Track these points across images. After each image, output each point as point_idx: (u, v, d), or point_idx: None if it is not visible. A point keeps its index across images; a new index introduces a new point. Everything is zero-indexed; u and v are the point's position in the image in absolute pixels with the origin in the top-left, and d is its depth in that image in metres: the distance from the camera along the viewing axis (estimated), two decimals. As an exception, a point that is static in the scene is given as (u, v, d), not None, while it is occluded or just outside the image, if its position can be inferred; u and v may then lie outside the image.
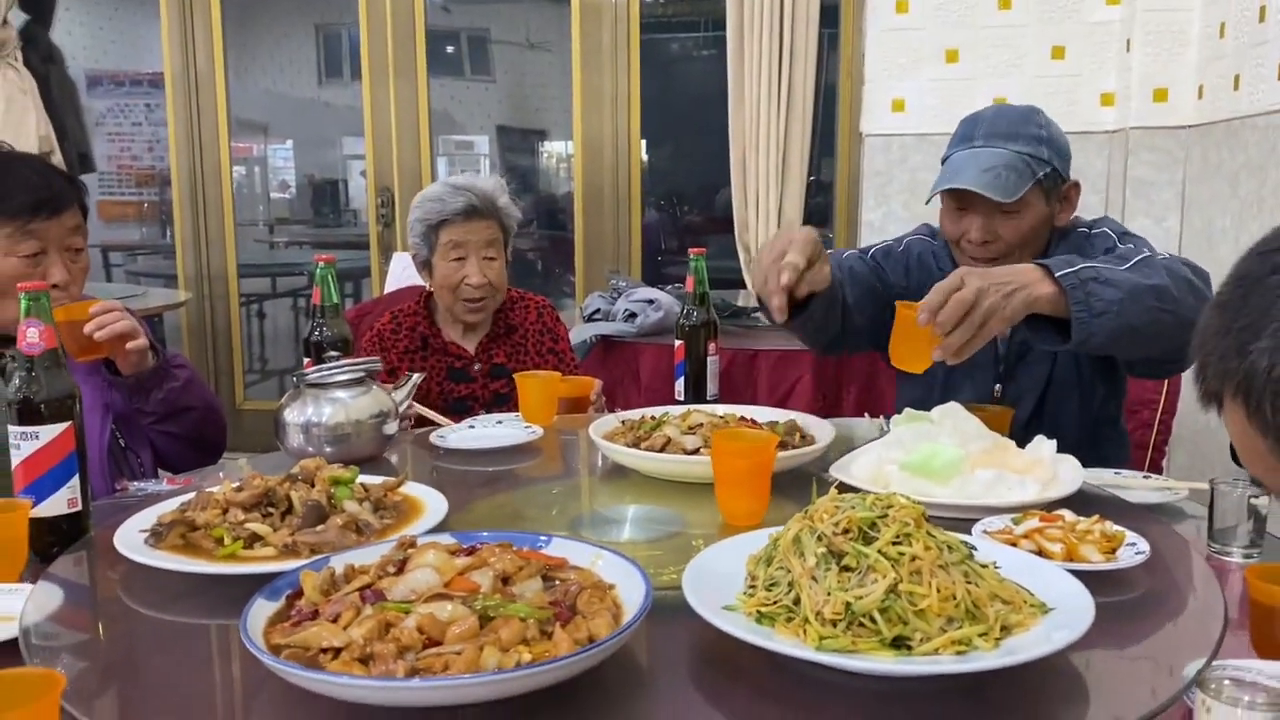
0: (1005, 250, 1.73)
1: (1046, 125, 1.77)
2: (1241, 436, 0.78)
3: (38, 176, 1.63)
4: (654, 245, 5.41)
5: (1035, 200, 1.71)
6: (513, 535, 1.09)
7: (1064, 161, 1.75)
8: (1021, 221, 1.71)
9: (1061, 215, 1.78)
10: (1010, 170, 1.68)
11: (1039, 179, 1.69)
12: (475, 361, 2.18)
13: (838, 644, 0.89)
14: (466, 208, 2.11)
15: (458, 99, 7.68)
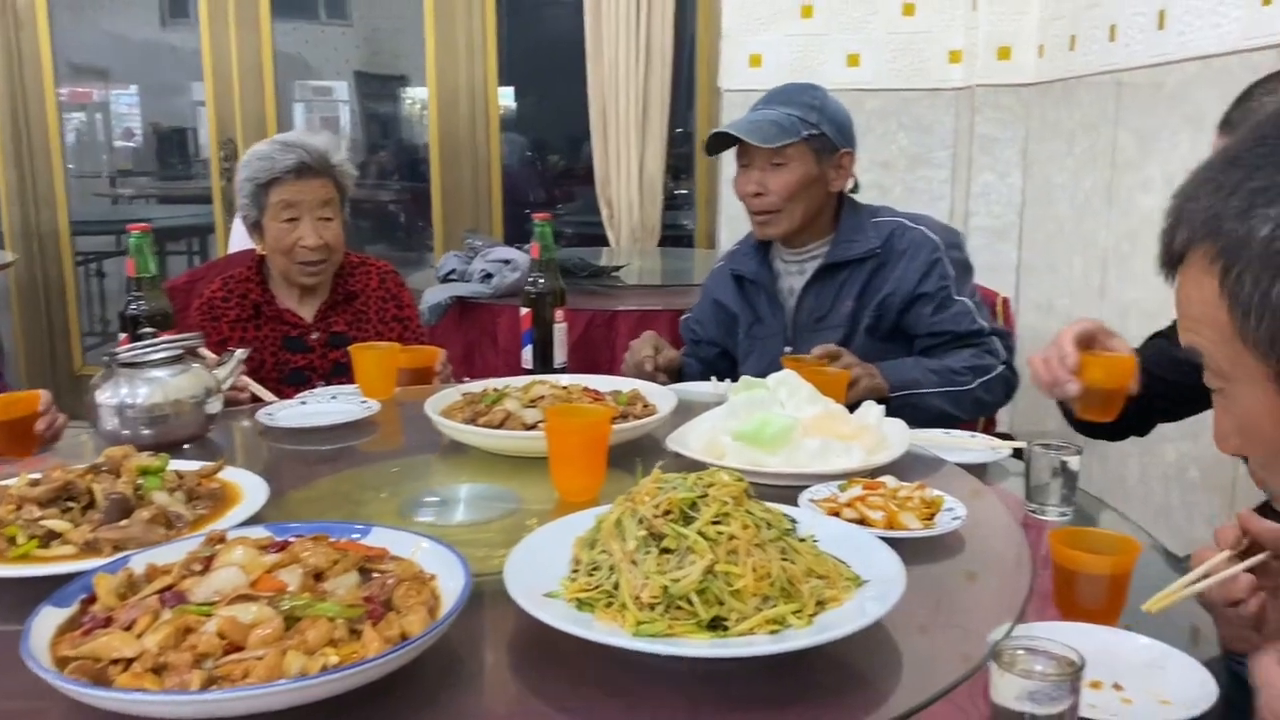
0: (777, 203, 1.90)
1: (823, 98, 1.95)
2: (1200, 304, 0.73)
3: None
4: (520, 197, 5.32)
5: (802, 157, 1.89)
6: (329, 526, 1.05)
7: (837, 130, 1.92)
8: (789, 175, 1.88)
9: (835, 181, 1.93)
10: (775, 125, 1.88)
11: (805, 137, 1.87)
12: (313, 330, 2.09)
13: (654, 628, 0.89)
14: (298, 165, 2.01)
15: (312, 43, 7.36)
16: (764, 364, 1.91)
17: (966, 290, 1.91)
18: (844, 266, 1.92)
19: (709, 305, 2.13)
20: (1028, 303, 3.34)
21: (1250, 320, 0.69)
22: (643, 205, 3.81)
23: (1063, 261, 3.09)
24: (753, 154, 1.90)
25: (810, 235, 1.97)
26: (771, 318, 2.01)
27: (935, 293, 1.87)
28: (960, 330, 1.87)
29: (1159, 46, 2.44)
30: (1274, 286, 0.67)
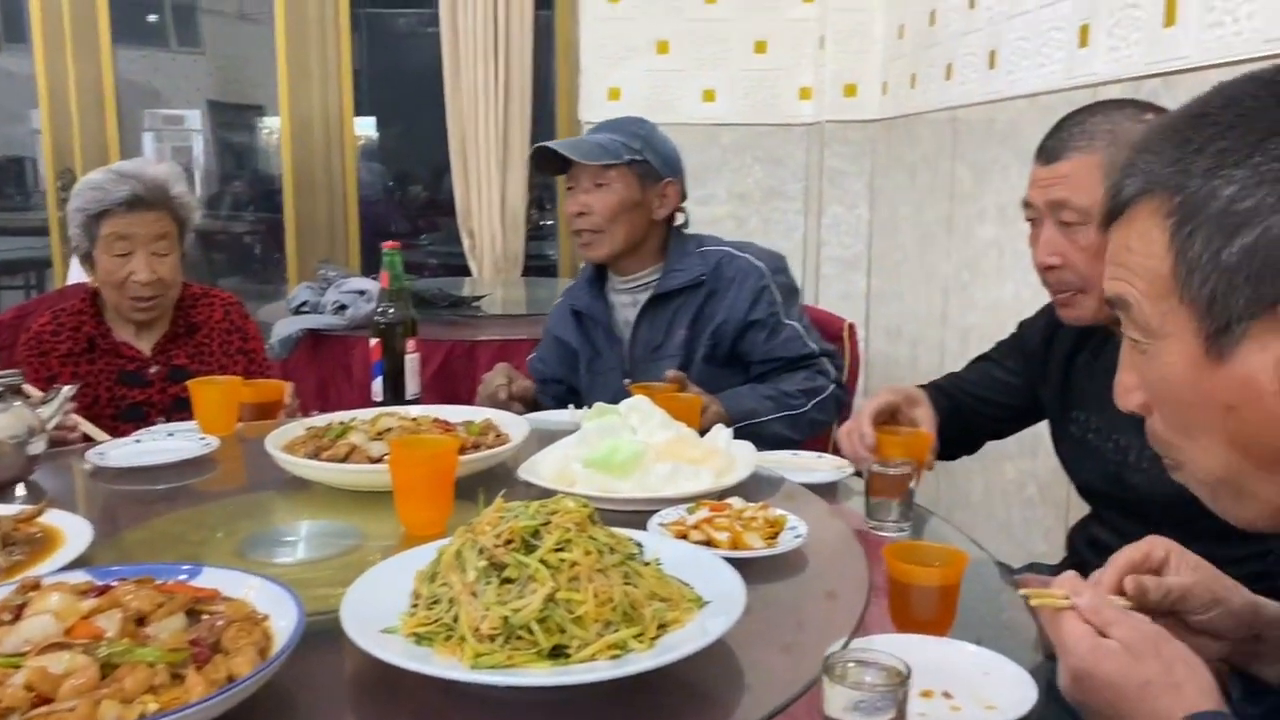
0: (600, 224, 1.96)
1: (650, 130, 2.03)
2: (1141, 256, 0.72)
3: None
4: (381, 228, 5.23)
5: (624, 180, 1.95)
6: (155, 568, 1.01)
7: (660, 160, 1.99)
8: (611, 196, 1.94)
9: (659, 209, 1.99)
10: (598, 146, 1.96)
11: (627, 161, 1.94)
12: (152, 364, 2.01)
13: (493, 660, 0.88)
14: (131, 197, 1.92)
15: (163, 71, 7.11)
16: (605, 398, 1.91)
17: (794, 314, 1.99)
18: (675, 296, 1.98)
19: (551, 342, 2.17)
20: (877, 329, 3.47)
21: (1194, 279, 0.69)
22: (505, 235, 3.80)
23: (908, 289, 3.22)
24: (579, 176, 1.98)
25: (637, 262, 2.03)
26: (609, 351, 2.06)
27: (766, 319, 1.94)
28: (792, 355, 1.96)
29: (991, 84, 2.59)
30: (1226, 248, 0.67)
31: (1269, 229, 0.65)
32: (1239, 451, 0.71)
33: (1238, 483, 0.73)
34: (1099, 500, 1.46)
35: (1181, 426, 0.74)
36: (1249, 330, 0.67)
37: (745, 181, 3.67)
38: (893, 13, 3.34)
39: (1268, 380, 0.67)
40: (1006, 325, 1.71)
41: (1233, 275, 0.67)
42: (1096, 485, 1.43)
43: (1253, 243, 0.66)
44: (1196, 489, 0.77)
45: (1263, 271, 0.66)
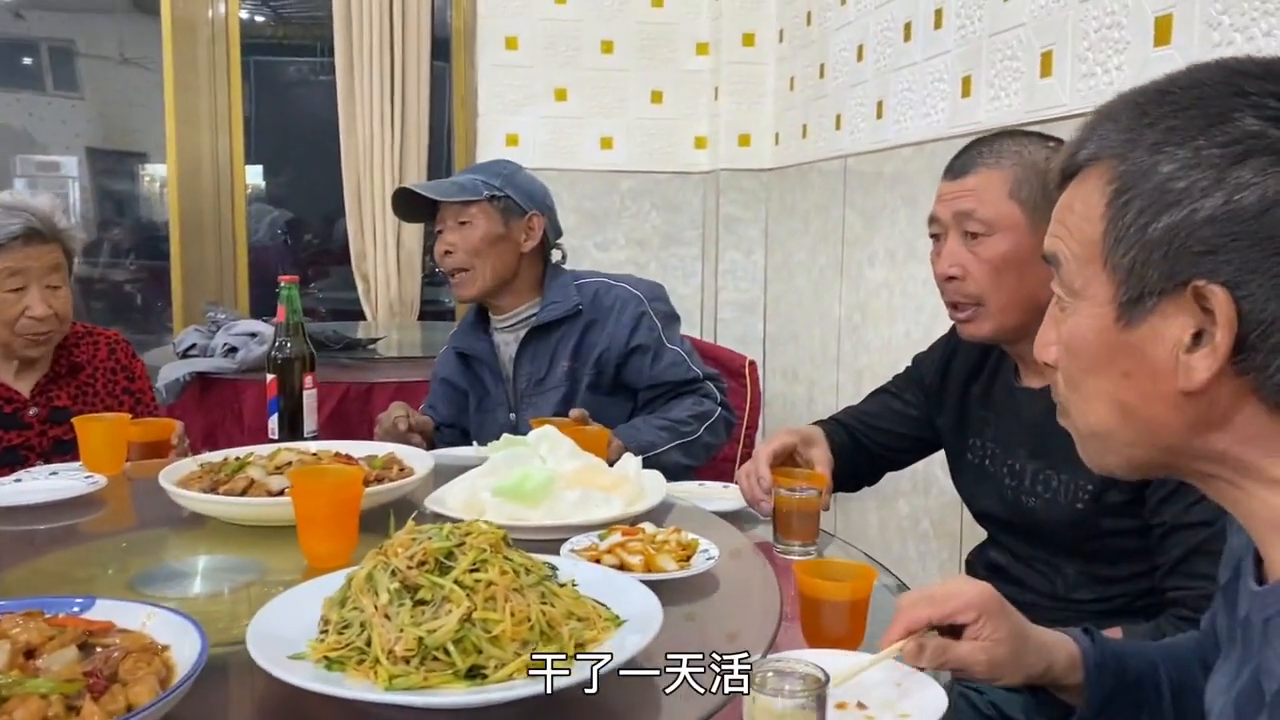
0: (465, 261, 2.00)
1: (512, 169, 2.09)
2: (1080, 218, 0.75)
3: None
4: (269, 275, 5.12)
5: (487, 216, 1.99)
6: (45, 601, 0.95)
7: (525, 195, 2.04)
8: (473, 232, 1.99)
9: (527, 242, 2.03)
10: (456, 185, 2.03)
11: (487, 197, 1.99)
12: (30, 405, 1.91)
13: (409, 681, 0.86)
14: (26, 230, 1.84)
15: (38, 115, 6.85)
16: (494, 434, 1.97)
17: (675, 339, 2.05)
18: (554, 327, 2.02)
19: (440, 387, 2.18)
20: (774, 370, 3.53)
21: (1119, 247, 0.71)
22: (400, 280, 3.76)
23: (804, 331, 3.30)
24: (444, 218, 2.02)
25: (512, 299, 2.06)
26: (496, 389, 2.09)
27: (648, 344, 1.99)
28: (677, 379, 2.01)
29: (879, 133, 2.69)
30: (1153, 223, 0.69)
31: (1195, 211, 0.67)
32: (1120, 414, 0.75)
33: (1109, 439, 0.77)
34: (996, 525, 1.51)
35: (1078, 382, 0.77)
36: (1158, 306, 0.70)
37: (643, 227, 3.72)
38: (784, 65, 3.46)
39: (1164, 356, 0.70)
40: (899, 364, 1.76)
41: (1153, 250, 0.69)
42: (993, 511, 1.48)
43: (1177, 222, 0.68)
44: (1074, 434, 0.81)
45: (1180, 251, 0.68)
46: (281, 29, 6.17)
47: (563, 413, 1.94)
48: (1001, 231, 1.33)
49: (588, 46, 3.66)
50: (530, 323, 2.03)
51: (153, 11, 4.43)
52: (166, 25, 3.84)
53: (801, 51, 3.28)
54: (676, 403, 2.00)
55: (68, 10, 6.82)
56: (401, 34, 3.59)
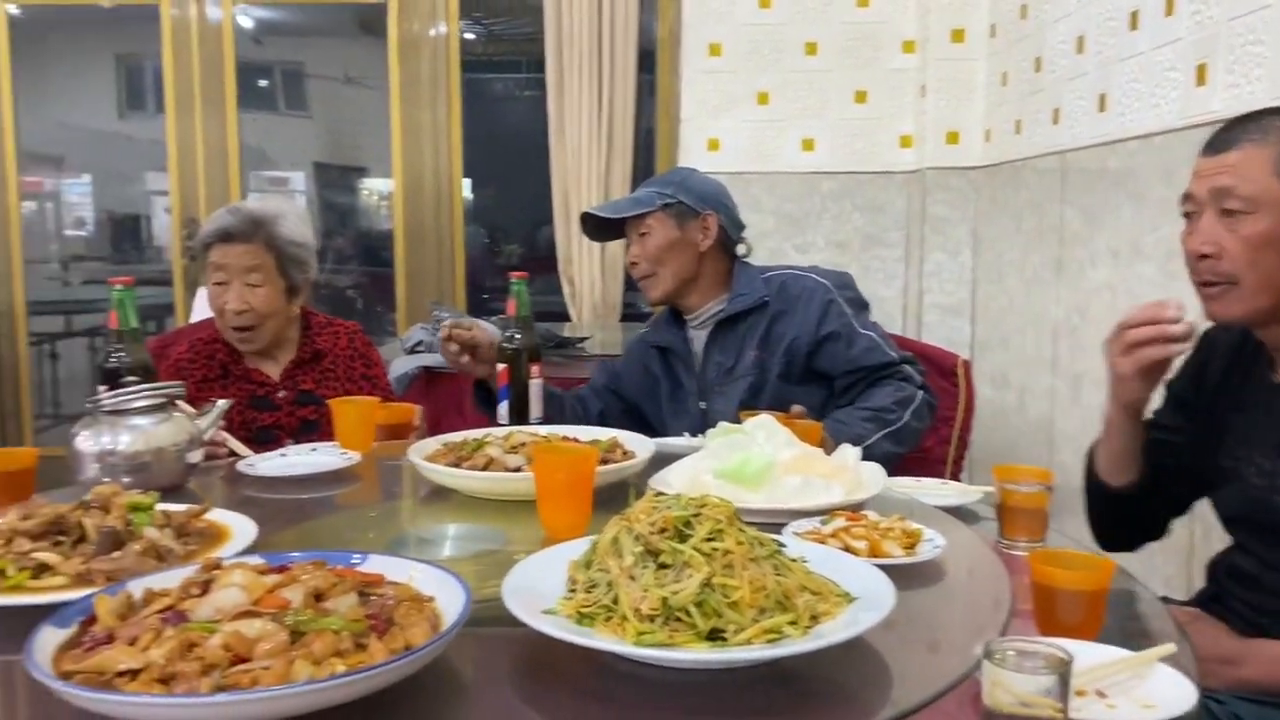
0: (649, 268, 2.09)
1: (685, 175, 2.18)
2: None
3: None
4: (478, 283, 5.40)
5: (662, 224, 2.08)
6: (325, 554, 1.06)
7: (694, 197, 2.10)
8: (652, 241, 2.08)
9: (704, 242, 2.09)
10: (631, 201, 2.13)
11: (660, 206, 2.07)
12: (280, 388, 2.11)
13: (655, 639, 0.90)
14: (221, 231, 2.04)
15: (272, 134, 7.45)
16: (684, 423, 2.09)
17: (868, 324, 2.06)
18: (741, 319, 2.07)
19: (636, 365, 2.25)
20: (981, 375, 3.43)
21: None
22: (604, 283, 3.89)
23: (1015, 335, 3.19)
24: (628, 231, 2.12)
25: (699, 297, 2.13)
26: (687, 380, 2.15)
27: (840, 330, 2.01)
28: (873, 364, 2.01)
29: (1101, 127, 2.58)
30: None
31: None
32: None
33: None
34: (1243, 529, 1.43)
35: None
36: None
37: (845, 229, 3.70)
38: (995, 60, 3.37)
39: None
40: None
41: None
42: (1240, 513, 1.40)
43: None
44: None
45: None
46: (492, 46, 6.48)
47: (750, 402, 2.01)
48: (1263, 210, 1.26)
49: (790, 49, 3.67)
50: (718, 316, 2.09)
51: (377, 33, 4.75)
52: (393, 46, 4.12)
53: (1015, 45, 3.19)
54: (876, 389, 2.00)
55: (299, 35, 7.38)
56: (610, 47, 3.71)
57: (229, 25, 4.17)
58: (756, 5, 3.66)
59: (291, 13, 5.07)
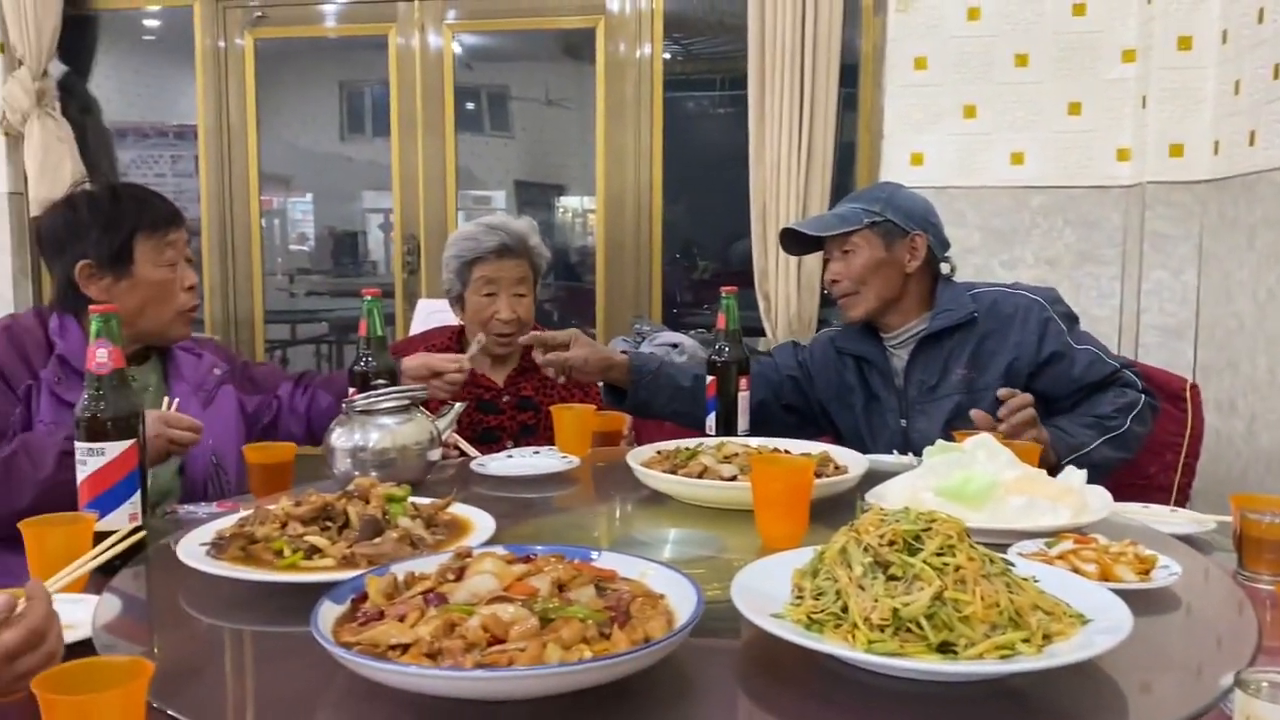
0: (851, 287, 2.06)
1: (891, 190, 2.13)
2: None
3: (158, 198, 1.81)
4: (670, 296, 5.50)
5: (868, 243, 2.04)
6: (562, 548, 1.13)
7: (904, 216, 2.06)
8: (857, 260, 2.04)
9: (910, 262, 2.05)
10: (837, 218, 2.07)
11: (868, 224, 2.03)
12: (503, 394, 2.23)
13: (885, 647, 0.92)
14: (499, 246, 2.18)
15: (477, 154, 7.83)
16: (884, 438, 2.07)
17: (1082, 337, 2.00)
18: (946, 336, 2.02)
19: (829, 368, 2.19)
20: (1207, 402, 3.22)
21: None
22: (800, 298, 3.89)
23: (1244, 359, 2.99)
24: (830, 248, 2.09)
25: (900, 317, 2.09)
26: (886, 395, 2.11)
27: (1062, 350, 1.96)
28: (1098, 378, 1.96)
29: (1348, 137, 2.40)
30: None
31: None
32: None
33: None
34: None
35: None
36: None
37: (1055, 245, 3.56)
38: (1227, 68, 3.18)
39: None
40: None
41: None
42: None
43: None
44: None
45: None
46: (689, 65, 6.59)
47: (954, 420, 1.97)
48: None
49: (1000, 61, 3.58)
50: (921, 334, 2.05)
51: (579, 56, 4.93)
52: (600, 68, 4.26)
53: (1250, 52, 3.00)
54: (1098, 397, 1.95)
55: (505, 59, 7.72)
56: (812, 63, 3.72)
57: (449, 52, 4.43)
58: (965, 18, 3.59)
59: (500, 39, 5.31)
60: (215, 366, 1.87)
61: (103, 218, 1.72)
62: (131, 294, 1.72)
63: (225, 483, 1.79)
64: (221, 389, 1.85)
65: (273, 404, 1.96)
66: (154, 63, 7.60)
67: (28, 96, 4.39)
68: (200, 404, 1.80)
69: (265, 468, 1.61)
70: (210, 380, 1.84)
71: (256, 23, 4.54)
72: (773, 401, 2.17)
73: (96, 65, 4.99)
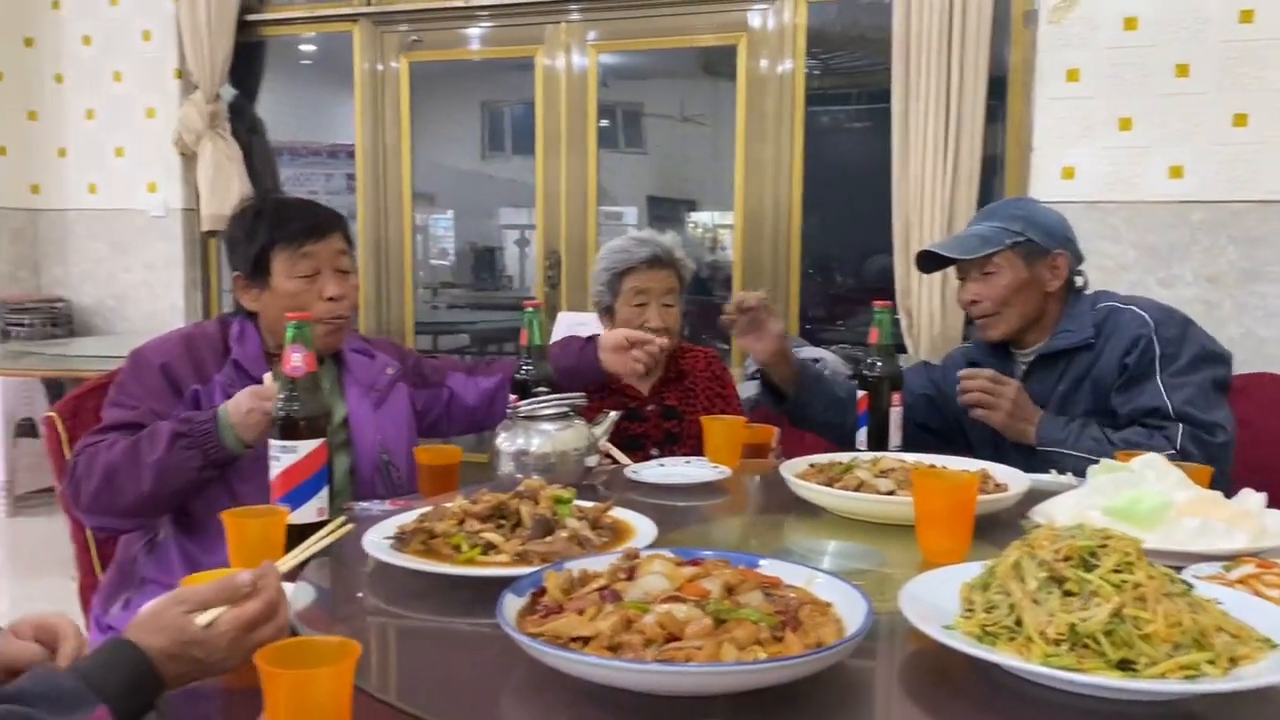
0: (992, 308, 2.03)
1: (1029, 207, 2.08)
2: None
3: (308, 210, 1.87)
4: (803, 312, 5.49)
5: (1010, 264, 2.01)
6: (728, 554, 1.16)
7: (1045, 234, 2.02)
8: (999, 281, 2.01)
9: (1051, 282, 2.02)
10: (977, 238, 2.03)
11: (1009, 245, 1.99)
12: (649, 403, 2.28)
13: (1063, 662, 0.92)
14: (650, 257, 2.24)
15: (611, 170, 7.97)
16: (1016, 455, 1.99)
17: (1173, 371, 1.87)
18: (1060, 356, 2.00)
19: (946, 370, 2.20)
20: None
21: None
22: (945, 316, 3.82)
23: None
24: (967, 267, 2.05)
25: (1037, 334, 2.06)
26: None
27: (1140, 375, 1.90)
28: (1141, 408, 1.87)
29: None
30: None
31: None
32: None
33: None
34: None
35: None
36: None
37: (1218, 262, 3.41)
38: None
39: None
40: None
41: None
42: None
43: None
44: None
45: None
46: (828, 80, 6.57)
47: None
48: None
49: (1158, 71, 3.45)
50: (1041, 351, 2.03)
51: (716, 73, 4.97)
52: (741, 84, 4.30)
53: None
54: (1132, 429, 1.88)
55: (641, 77, 7.84)
56: (959, 76, 3.67)
57: (593, 72, 4.53)
58: (1121, 28, 3.49)
59: (637, 57, 5.41)
60: (388, 366, 1.96)
61: (244, 232, 1.83)
62: (272, 304, 1.81)
63: (397, 480, 1.88)
64: (394, 388, 1.94)
65: (443, 394, 2.05)
66: (310, 86, 8.02)
67: (201, 118, 4.70)
68: (372, 404, 1.89)
69: (434, 469, 1.69)
70: (382, 380, 1.93)
71: (411, 46, 4.74)
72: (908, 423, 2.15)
73: (262, 88, 5.30)
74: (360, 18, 4.72)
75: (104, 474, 1.64)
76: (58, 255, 5.01)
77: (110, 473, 1.63)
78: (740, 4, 4.28)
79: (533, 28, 4.57)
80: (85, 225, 4.98)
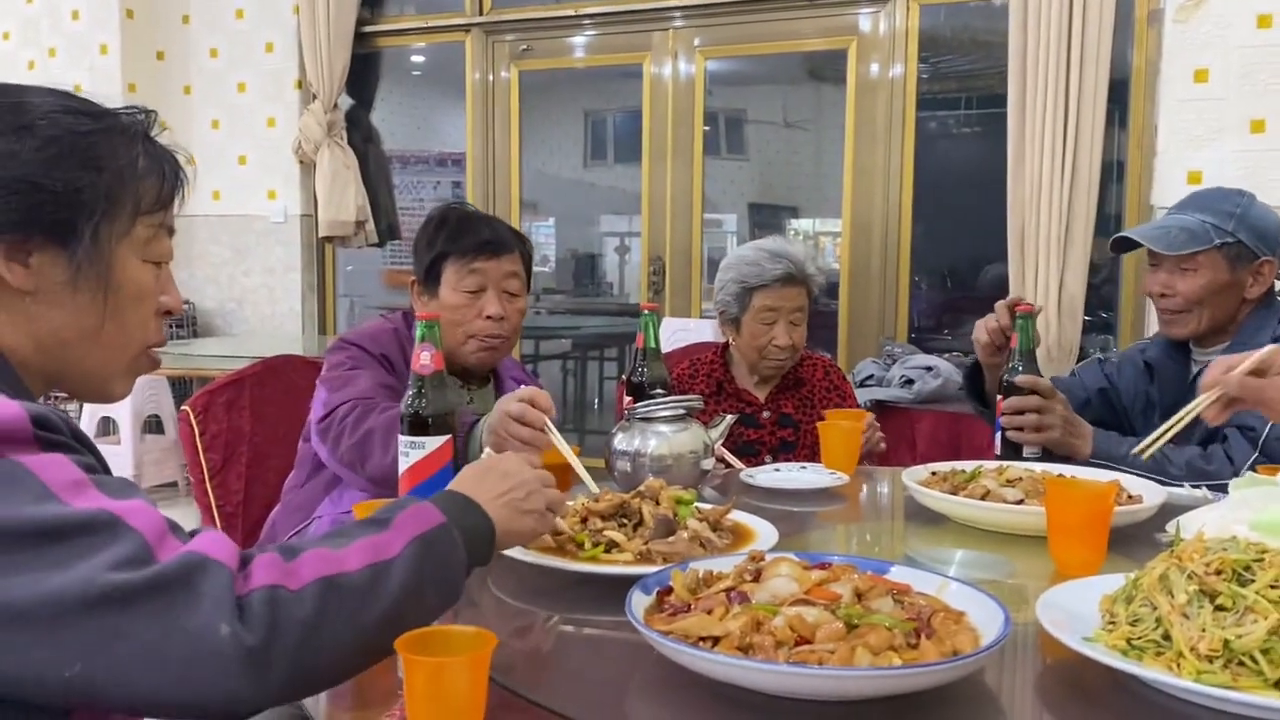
0: (1183, 305, 1.91)
1: (1246, 205, 1.92)
2: None
3: (487, 227, 1.89)
4: (912, 319, 5.40)
5: (1213, 264, 1.88)
6: (856, 559, 1.14)
7: (1257, 239, 1.89)
8: (1197, 280, 1.89)
9: (1253, 289, 1.91)
10: (1184, 231, 1.90)
11: (1217, 245, 1.87)
12: (764, 409, 2.27)
13: (1215, 679, 0.88)
14: (784, 275, 2.19)
15: (712, 177, 7.97)
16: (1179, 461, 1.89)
17: None
18: None
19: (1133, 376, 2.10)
20: None
21: None
22: (1061, 324, 3.71)
23: None
24: (1162, 255, 1.93)
25: (1222, 337, 1.95)
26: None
27: None
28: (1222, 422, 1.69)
29: None
30: None
31: None
32: None
33: None
34: None
35: None
36: None
37: (1359, 271, 3.24)
38: None
39: None
40: None
41: None
42: None
43: None
44: None
45: None
46: (937, 84, 6.45)
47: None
48: None
49: (1295, 71, 3.30)
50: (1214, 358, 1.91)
51: (822, 78, 4.93)
52: (850, 89, 4.25)
53: None
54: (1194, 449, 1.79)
55: (744, 83, 7.82)
56: (1079, 79, 3.56)
57: (700, 78, 4.54)
58: (1254, 25, 3.34)
59: (740, 63, 5.39)
60: None
61: (425, 240, 1.87)
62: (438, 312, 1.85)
63: None
64: None
65: None
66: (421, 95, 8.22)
67: (320, 128, 4.86)
68: None
69: (553, 468, 1.70)
70: None
71: (522, 55, 4.82)
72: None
73: (378, 98, 5.45)
74: (472, 28, 4.82)
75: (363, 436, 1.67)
76: (183, 259, 5.24)
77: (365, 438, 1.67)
78: (850, 7, 4.23)
79: (640, 35, 4.60)
80: (209, 230, 5.19)
